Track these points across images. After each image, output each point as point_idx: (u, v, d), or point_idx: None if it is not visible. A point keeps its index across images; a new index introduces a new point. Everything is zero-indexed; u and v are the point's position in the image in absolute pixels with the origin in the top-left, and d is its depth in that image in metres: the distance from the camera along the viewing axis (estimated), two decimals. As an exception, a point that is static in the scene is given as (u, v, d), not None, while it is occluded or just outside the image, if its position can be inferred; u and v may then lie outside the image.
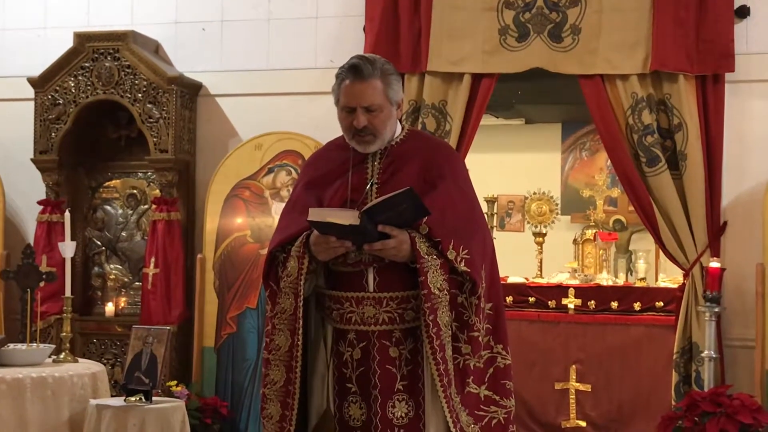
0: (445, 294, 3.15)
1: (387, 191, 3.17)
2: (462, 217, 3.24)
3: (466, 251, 3.16)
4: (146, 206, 6.45)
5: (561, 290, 6.24)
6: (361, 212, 3.05)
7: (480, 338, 3.21)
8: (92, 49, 6.22)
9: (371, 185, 3.27)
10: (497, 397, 3.25)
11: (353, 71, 3.22)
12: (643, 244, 7.72)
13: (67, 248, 4.93)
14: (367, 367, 3.23)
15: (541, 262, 6.91)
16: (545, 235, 7.07)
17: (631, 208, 6.45)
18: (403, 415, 3.22)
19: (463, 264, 3.15)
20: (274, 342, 3.26)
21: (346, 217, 3.06)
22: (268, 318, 3.32)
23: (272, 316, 3.28)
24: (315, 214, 3.11)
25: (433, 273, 3.13)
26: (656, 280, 6.88)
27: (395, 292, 3.22)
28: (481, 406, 3.22)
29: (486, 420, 3.23)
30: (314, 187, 3.35)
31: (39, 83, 6.27)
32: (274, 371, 3.26)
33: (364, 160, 3.32)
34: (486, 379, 3.24)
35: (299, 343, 3.21)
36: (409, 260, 3.15)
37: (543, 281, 6.52)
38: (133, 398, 4.46)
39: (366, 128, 3.23)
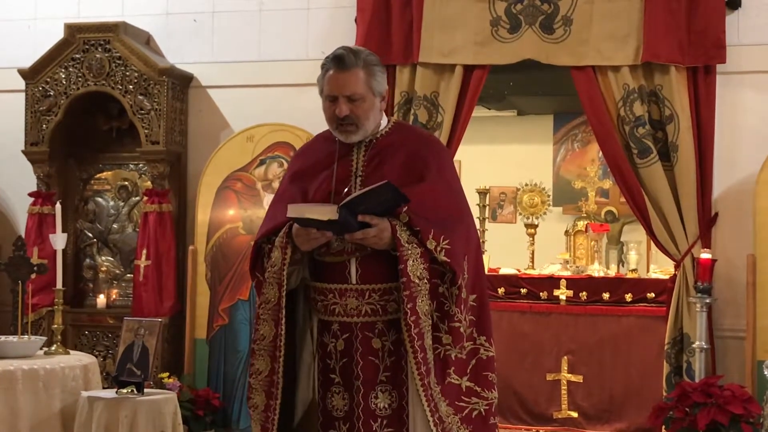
0: (425, 283, 3.16)
1: (371, 183, 3.19)
2: (444, 208, 3.25)
3: (446, 241, 3.17)
4: (138, 198, 6.44)
5: (553, 281, 6.26)
6: (339, 207, 3.07)
7: (461, 329, 3.21)
8: (83, 41, 6.20)
9: (355, 177, 3.29)
10: (479, 389, 3.25)
11: (336, 61, 3.24)
12: (635, 235, 7.74)
13: (58, 240, 4.92)
14: (350, 358, 3.24)
15: (533, 254, 6.93)
16: (537, 226, 7.09)
17: (623, 199, 6.46)
18: (386, 406, 3.23)
19: (443, 254, 3.15)
20: (259, 332, 3.28)
21: (325, 212, 3.07)
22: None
23: (258, 307, 3.31)
24: (293, 211, 3.13)
25: (413, 261, 3.13)
26: (647, 271, 6.90)
27: (378, 284, 3.23)
28: (462, 397, 3.22)
29: (467, 411, 3.23)
30: (300, 178, 3.37)
31: (30, 75, 6.25)
32: (259, 361, 3.29)
33: (349, 152, 3.34)
34: (468, 371, 3.24)
35: (282, 333, 3.23)
36: (391, 248, 3.16)
37: (535, 272, 6.53)
38: (124, 390, 4.46)
39: (348, 117, 3.25)
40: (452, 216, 3.26)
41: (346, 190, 3.26)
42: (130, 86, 6.13)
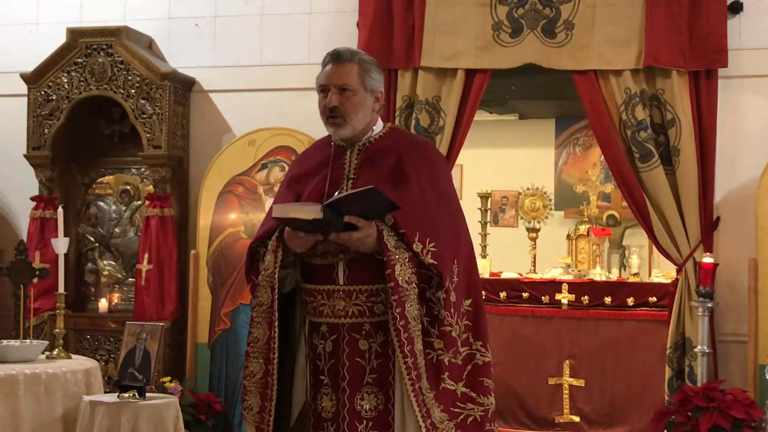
0: (414, 287, 3.15)
1: (361, 185, 3.21)
2: (432, 211, 3.24)
3: (433, 244, 3.16)
4: (139, 202, 6.45)
5: (554, 285, 6.25)
6: (324, 206, 3.08)
7: (453, 333, 3.19)
8: (85, 45, 6.21)
9: (347, 179, 3.31)
10: (474, 395, 3.24)
11: (333, 55, 3.33)
12: (637, 239, 7.74)
13: (60, 244, 4.92)
14: (338, 359, 3.25)
15: (534, 258, 6.92)
16: (539, 230, 7.08)
17: (625, 203, 6.46)
18: (372, 408, 3.22)
19: (429, 256, 3.15)
20: (253, 335, 3.32)
21: (309, 212, 3.09)
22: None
23: (252, 309, 3.34)
24: (279, 211, 3.17)
25: (401, 266, 3.13)
26: (649, 275, 6.90)
27: (365, 285, 3.24)
28: (458, 403, 3.21)
29: (462, 417, 3.22)
30: (296, 183, 3.40)
31: (32, 79, 6.26)
32: (253, 363, 3.32)
33: (342, 155, 3.36)
34: (464, 376, 3.23)
35: (275, 335, 3.25)
36: (376, 251, 3.17)
37: (536, 276, 6.52)
38: (126, 394, 4.46)
39: (336, 109, 3.27)
40: (440, 219, 3.25)
41: (336, 193, 3.27)
42: (132, 90, 6.13)
